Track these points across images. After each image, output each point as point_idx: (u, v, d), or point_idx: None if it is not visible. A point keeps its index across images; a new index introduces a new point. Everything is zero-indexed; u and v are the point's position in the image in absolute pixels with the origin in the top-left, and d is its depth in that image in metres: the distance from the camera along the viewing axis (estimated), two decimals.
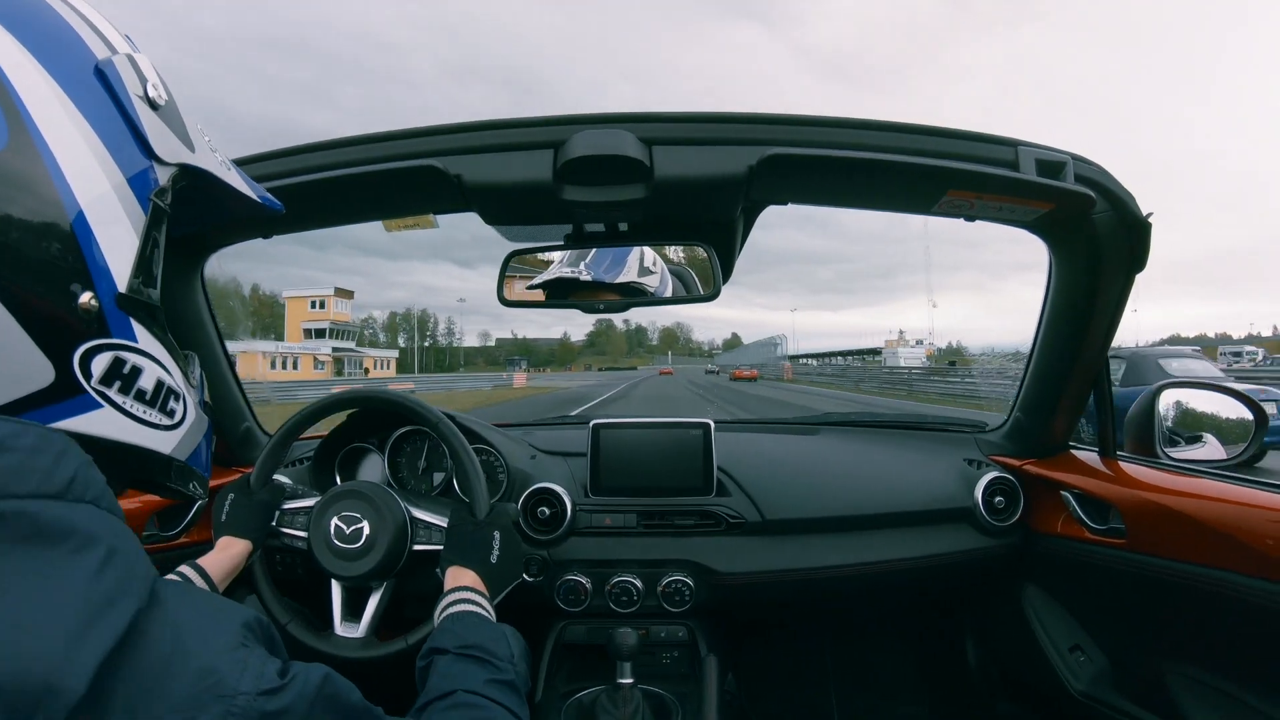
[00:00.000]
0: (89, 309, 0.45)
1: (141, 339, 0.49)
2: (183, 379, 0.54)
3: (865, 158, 0.92)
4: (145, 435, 0.51)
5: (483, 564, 0.95)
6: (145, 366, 0.50)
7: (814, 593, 1.40)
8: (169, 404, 0.52)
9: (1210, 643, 1.05)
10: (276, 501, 1.10)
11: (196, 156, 0.54)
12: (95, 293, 0.45)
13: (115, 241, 0.46)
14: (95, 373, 0.46)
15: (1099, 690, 1.22)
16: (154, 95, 0.50)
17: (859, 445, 1.60)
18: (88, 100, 0.45)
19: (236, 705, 0.38)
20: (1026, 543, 1.36)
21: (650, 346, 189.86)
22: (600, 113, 0.94)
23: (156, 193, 0.49)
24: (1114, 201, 1.00)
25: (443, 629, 0.80)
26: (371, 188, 1.01)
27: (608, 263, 1.19)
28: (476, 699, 0.68)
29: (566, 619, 1.36)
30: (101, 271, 0.45)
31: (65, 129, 0.43)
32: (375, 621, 1.05)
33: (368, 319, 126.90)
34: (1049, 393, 1.30)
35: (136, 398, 0.49)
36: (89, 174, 0.44)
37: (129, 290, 0.47)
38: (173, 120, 0.52)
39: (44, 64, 0.43)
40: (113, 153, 0.46)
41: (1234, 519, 0.98)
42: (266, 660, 0.42)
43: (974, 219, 1.06)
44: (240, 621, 0.43)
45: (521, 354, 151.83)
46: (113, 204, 0.46)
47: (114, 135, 0.46)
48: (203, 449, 0.59)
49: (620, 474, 1.39)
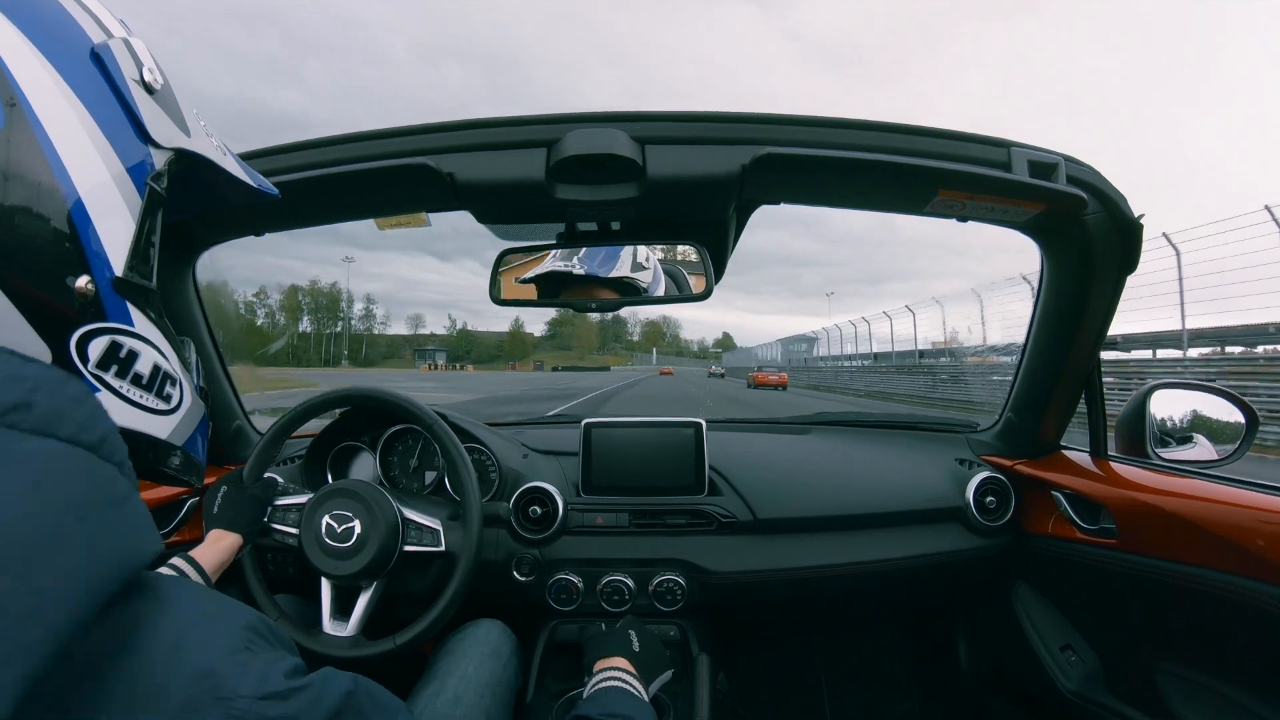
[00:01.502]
0: (85, 293, 0.44)
1: (138, 323, 0.49)
2: (179, 364, 0.54)
3: (857, 158, 0.92)
4: (142, 420, 0.50)
5: (628, 653, 1.00)
6: (142, 351, 0.50)
7: (806, 592, 1.40)
8: (165, 389, 0.52)
9: (1200, 642, 1.06)
10: (268, 497, 1.10)
11: (192, 141, 0.53)
12: (92, 277, 0.45)
13: (112, 226, 0.46)
14: (92, 357, 0.46)
15: (1090, 689, 1.22)
16: (150, 79, 0.49)
17: (851, 445, 1.60)
18: (85, 85, 0.45)
19: (235, 708, 0.37)
20: (1018, 542, 1.36)
21: (630, 343, 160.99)
22: (593, 111, 0.94)
23: (153, 177, 0.49)
24: (1106, 203, 1.00)
25: (591, 699, 0.85)
26: (363, 185, 1.00)
27: (601, 256, 1.19)
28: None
29: (558, 618, 1.35)
30: (98, 256, 0.45)
31: (63, 113, 0.43)
32: (364, 621, 1.05)
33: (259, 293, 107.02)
34: (1040, 393, 1.30)
35: (133, 382, 0.49)
36: (86, 159, 0.44)
37: (125, 274, 0.47)
38: (169, 104, 0.52)
39: (41, 48, 0.43)
40: (110, 137, 0.46)
41: (1225, 519, 0.99)
42: (272, 663, 0.41)
43: (966, 219, 1.06)
44: (243, 623, 0.42)
45: (457, 347, 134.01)
46: (110, 189, 0.46)
47: (111, 120, 0.46)
48: (199, 436, 0.59)
49: (612, 473, 1.38)
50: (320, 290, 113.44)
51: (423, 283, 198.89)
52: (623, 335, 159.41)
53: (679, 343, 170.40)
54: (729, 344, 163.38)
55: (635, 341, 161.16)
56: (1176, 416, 1.31)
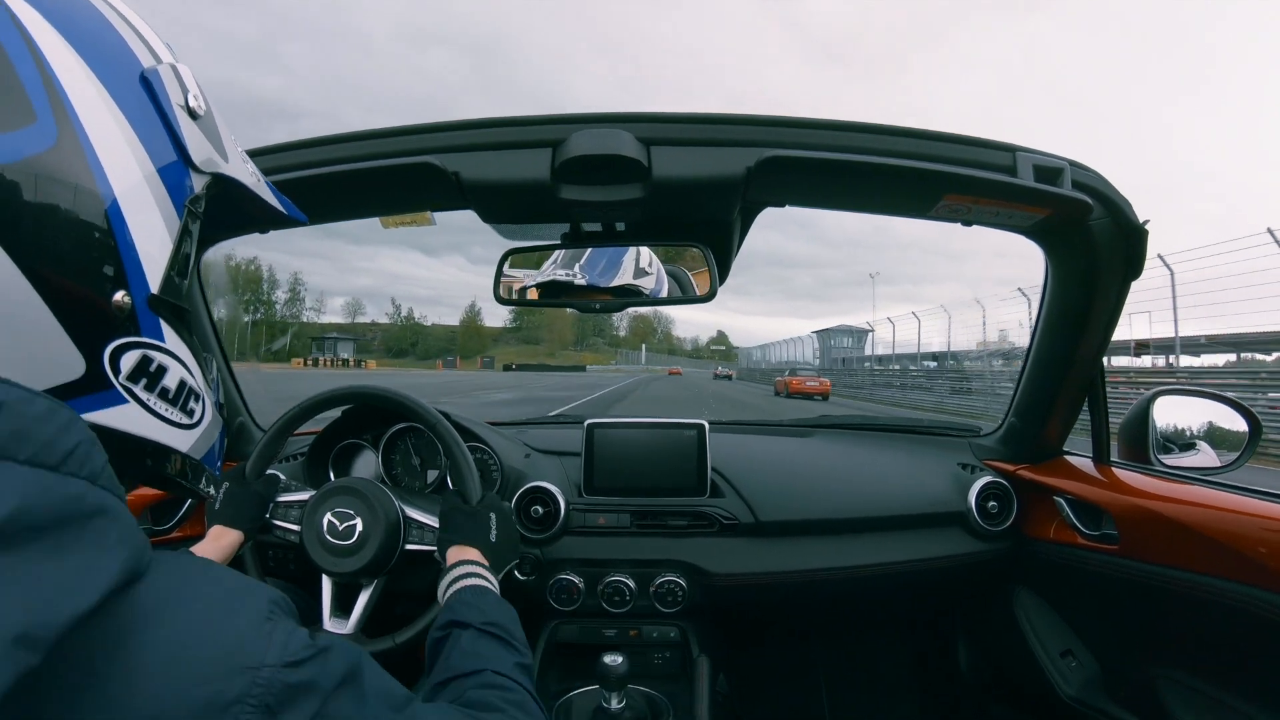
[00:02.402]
0: (122, 307, 0.46)
1: (169, 339, 0.51)
2: (203, 380, 0.56)
3: (863, 161, 0.92)
4: (165, 432, 0.52)
5: (484, 542, 0.97)
6: (170, 366, 0.51)
7: (807, 595, 1.40)
8: (189, 404, 0.54)
9: (1201, 649, 1.06)
10: (271, 493, 1.10)
11: (230, 167, 0.56)
12: (129, 292, 0.47)
13: (151, 245, 0.48)
14: (124, 369, 0.47)
15: (1089, 695, 1.22)
16: (194, 105, 0.51)
17: (853, 448, 1.60)
18: (133, 107, 0.47)
19: (261, 676, 0.39)
20: (1019, 547, 1.36)
21: (615, 338, 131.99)
22: (599, 112, 0.94)
23: (191, 200, 0.51)
24: (1111, 208, 1.00)
25: (464, 602, 0.81)
26: (369, 184, 1.01)
27: (602, 265, 1.19)
28: (506, 681, 0.69)
29: (559, 618, 1.35)
30: (136, 273, 0.47)
31: (111, 133, 0.45)
32: (364, 618, 1.05)
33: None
34: (1044, 398, 1.30)
35: (160, 395, 0.51)
36: (131, 178, 0.46)
37: (160, 292, 0.49)
38: (210, 130, 0.54)
39: (94, 69, 0.45)
40: (154, 159, 0.48)
41: (1226, 526, 0.99)
42: (293, 632, 0.43)
43: (971, 223, 1.06)
44: (267, 597, 0.44)
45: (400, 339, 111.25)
46: (151, 209, 0.48)
47: (156, 142, 0.48)
48: (216, 449, 0.60)
49: (614, 474, 1.38)
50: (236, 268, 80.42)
51: (410, 278, 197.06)
52: (606, 329, 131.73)
53: (670, 340, 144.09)
54: (724, 341, 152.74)
55: (621, 337, 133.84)
56: (1179, 423, 1.31)
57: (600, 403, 19.27)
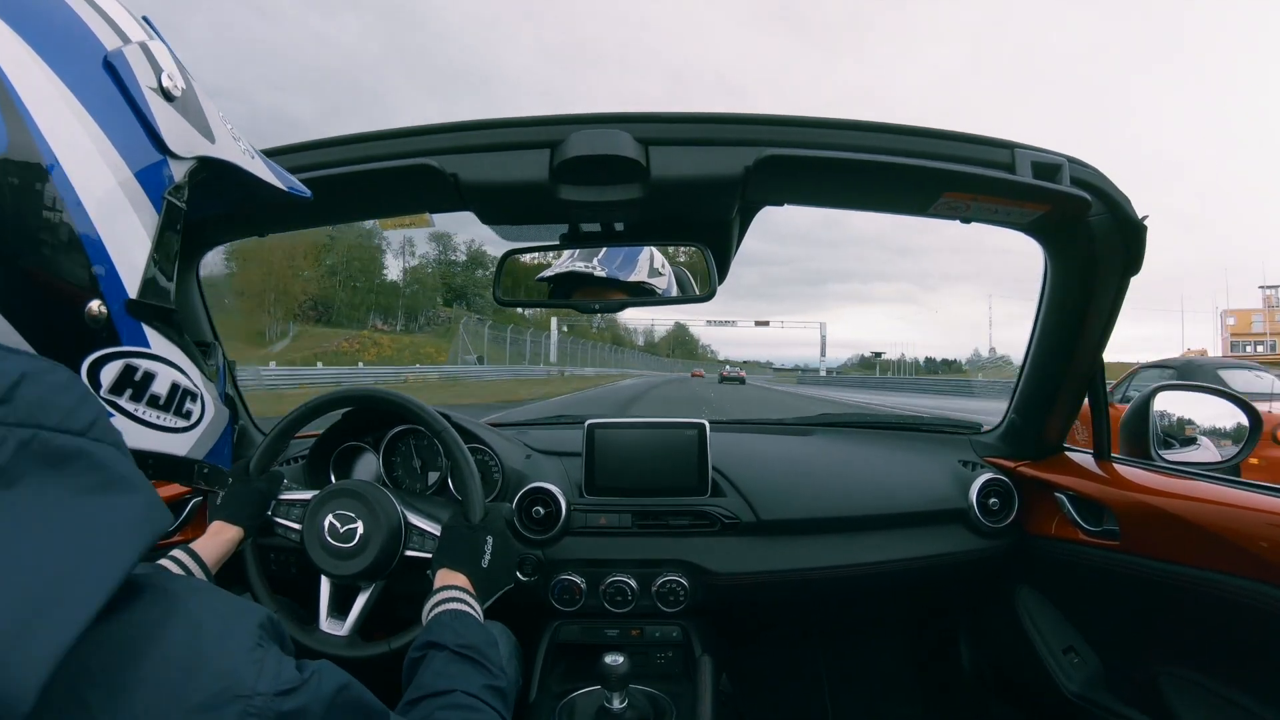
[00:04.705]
0: (97, 318, 0.43)
1: (155, 344, 0.47)
2: (200, 378, 0.53)
3: (862, 159, 0.92)
4: (159, 440, 0.50)
5: (474, 568, 0.96)
6: (159, 371, 0.48)
7: (809, 593, 1.40)
8: (185, 406, 0.51)
9: (1203, 645, 1.06)
10: (273, 491, 1.10)
11: (217, 147, 0.51)
12: (103, 300, 0.43)
13: (125, 246, 0.44)
14: (104, 382, 0.44)
15: (1092, 691, 1.22)
16: (169, 85, 0.47)
17: (854, 446, 1.60)
18: (95, 97, 0.43)
19: (253, 705, 0.38)
20: (1020, 544, 1.36)
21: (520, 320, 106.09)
22: (597, 112, 0.94)
23: (171, 190, 0.47)
24: (1110, 204, 1.00)
25: (441, 624, 0.80)
26: (367, 186, 1.01)
27: (620, 259, 1.19)
28: (474, 702, 0.68)
29: (560, 619, 1.35)
30: (112, 279, 0.43)
31: (70, 129, 0.41)
32: (361, 621, 1.05)
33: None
34: (1044, 394, 1.30)
35: (149, 404, 0.48)
36: (96, 177, 0.42)
37: (140, 295, 0.45)
38: (190, 111, 0.49)
39: (47, 60, 0.41)
40: (122, 152, 0.43)
41: (1228, 521, 0.99)
42: (283, 660, 0.41)
43: (969, 221, 1.06)
44: (256, 622, 0.42)
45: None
46: (122, 206, 0.44)
47: (123, 132, 0.44)
48: (223, 443, 0.57)
49: (615, 474, 1.38)
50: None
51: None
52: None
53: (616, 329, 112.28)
54: (683, 335, 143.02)
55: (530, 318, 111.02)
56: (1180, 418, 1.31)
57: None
